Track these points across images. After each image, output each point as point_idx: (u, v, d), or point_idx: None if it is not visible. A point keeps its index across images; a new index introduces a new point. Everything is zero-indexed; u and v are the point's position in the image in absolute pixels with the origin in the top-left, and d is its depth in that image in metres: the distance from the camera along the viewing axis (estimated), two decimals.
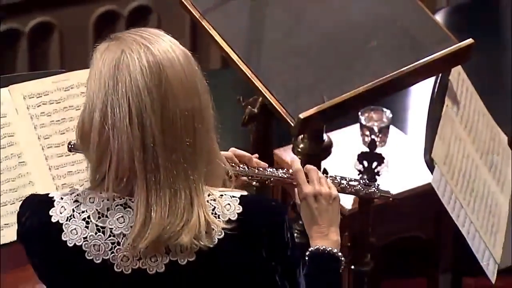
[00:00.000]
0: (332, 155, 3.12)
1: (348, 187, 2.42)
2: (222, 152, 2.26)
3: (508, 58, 4.68)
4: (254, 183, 2.41)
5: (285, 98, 2.81)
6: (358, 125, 3.40)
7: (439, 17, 4.30)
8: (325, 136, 3.10)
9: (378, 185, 2.46)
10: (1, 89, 2.78)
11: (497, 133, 3.16)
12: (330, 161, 3.09)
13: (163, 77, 2.03)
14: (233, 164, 2.35)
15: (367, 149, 3.27)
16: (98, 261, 2.09)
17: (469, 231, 2.83)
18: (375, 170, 3.20)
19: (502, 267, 2.90)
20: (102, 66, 2.06)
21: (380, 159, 3.19)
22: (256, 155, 2.43)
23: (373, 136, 3.35)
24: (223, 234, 2.07)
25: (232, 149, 2.38)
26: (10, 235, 2.67)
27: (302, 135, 3.03)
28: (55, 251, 2.12)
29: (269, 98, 2.81)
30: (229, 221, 2.08)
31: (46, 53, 4.94)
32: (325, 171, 2.78)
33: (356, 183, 2.43)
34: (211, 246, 2.07)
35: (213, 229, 2.06)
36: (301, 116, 2.77)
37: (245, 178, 2.38)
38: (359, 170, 3.21)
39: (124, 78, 2.02)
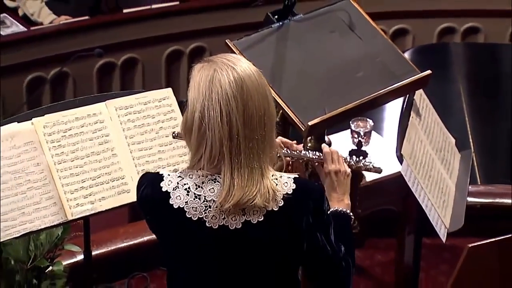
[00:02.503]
0: (335, 147, 3.10)
1: (353, 163, 2.44)
2: None
3: (454, 86, 4.68)
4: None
5: (298, 110, 2.79)
6: (349, 130, 3.37)
7: (407, 55, 4.28)
8: (326, 138, 3.08)
9: (372, 163, 2.49)
10: (101, 103, 2.79)
11: (448, 136, 3.14)
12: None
13: (245, 88, 2.04)
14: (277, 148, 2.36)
15: (355, 147, 3.26)
16: (195, 219, 2.11)
17: (427, 205, 2.81)
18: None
19: (450, 231, 2.88)
20: (199, 80, 2.07)
21: (365, 154, 3.16)
22: (295, 141, 2.45)
23: (360, 138, 3.32)
24: (283, 202, 2.08)
25: (279, 137, 2.39)
26: (109, 203, 2.71)
27: (310, 137, 3.01)
28: (164, 211, 2.13)
29: (287, 111, 2.80)
30: (286, 194, 2.09)
31: (132, 79, 4.95)
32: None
33: (357, 161, 2.46)
34: (275, 209, 2.08)
35: (277, 198, 2.08)
36: (309, 123, 2.76)
37: (288, 158, 2.39)
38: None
39: (217, 89, 2.04)
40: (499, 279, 2.32)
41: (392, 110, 4.02)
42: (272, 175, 2.10)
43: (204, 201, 2.10)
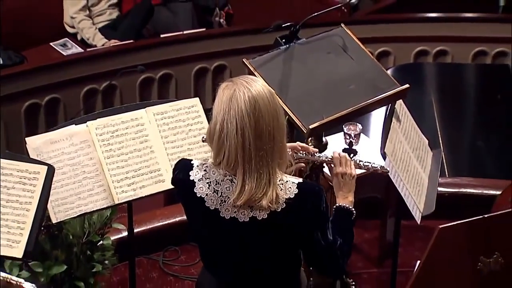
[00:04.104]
0: (328, 150, 3.07)
1: (363, 166, 2.37)
2: (290, 144, 2.24)
3: (427, 97, 4.65)
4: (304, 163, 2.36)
5: (301, 116, 2.77)
6: (342, 132, 3.35)
7: (389, 72, 4.24)
8: (324, 139, 3.06)
9: (381, 165, 2.43)
10: (142, 109, 2.78)
11: (422, 138, 3.11)
12: (328, 152, 3.06)
13: (257, 107, 2.00)
14: (296, 152, 2.31)
15: (347, 147, 3.23)
16: (212, 208, 2.08)
17: (405, 194, 2.79)
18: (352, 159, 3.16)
19: (424, 215, 2.86)
20: (222, 97, 2.03)
21: (355, 152, 3.14)
22: (312, 145, 2.44)
23: (351, 139, 3.29)
24: (285, 205, 2.04)
25: (298, 143, 2.36)
26: (148, 191, 2.70)
27: (310, 137, 2.99)
28: (189, 197, 2.11)
29: (292, 116, 2.77)
30: (289, 198, 2.04)
31: (167, 90, 4.93)
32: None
33: (368, 163, 2.39)
34: (278, 210, 2.04)
35: (279, 201, 2.04)
36: (310, 127, 2.74)
37: (302, 163, 2.34)
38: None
39: (234, 107, 2.00)
40: (464, 254, 2.29)
41: (377, 116, 3.99)
42: (280, 180, 2.05)
43: (220, 196, 2.08)
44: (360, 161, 2.37)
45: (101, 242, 3.05)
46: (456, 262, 2.29)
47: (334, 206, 2.22)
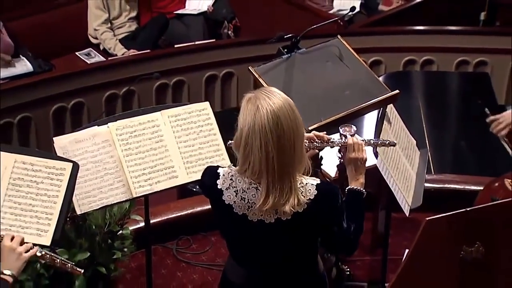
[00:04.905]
0: (325, 149, 3.05)
1: (373, 143, 2.39)
2: (306, 134, 2.21)
3: (415, 102, 4.63)
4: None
5: (302, 119, 2.76)
6: (338, 133, 3.33)
7: (381, 79, 4.24)
8: None
9: (388, 140, 2.43)
10: (157, 112, 2.77)
11: (410, 139, 3.10)
12: (325, 152, 3.04)
13: (279, 122, 1.97)
14: (312, 141, 2.28)
15: None
16: (240, 214, 2.06)
17: (395, 189, 2.78)
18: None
19: (412, 208, 2.85)
20: (246, 111, 2.00)
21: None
22: (325, 132, 2.38)
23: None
24: (306, 206, 2.03)
25: (313, 131, 2.33)
26: (162, 185, 2.69)
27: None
28: (218, 203, 2.08)
29: None
30: (309, 199, 2.03)
31: (180, 95, 4.93)
32: (321, 158, 2.74)
33: (377, 140, 2.42)
34: (299, 212, 2.02)
35: (301, 204, 2.02)
36: (309, 128, 2.73)
37: (317, 150, 2.31)
38: (339, 157, 3.15)
39: (258, 123, 1.97)
40: (448, 244, 2.28)
41: (370, 119, 3.98)
42: (300, 183, 2.03)
43: (247, 202, 2.06)
44: (369, 139, 2.39)
45: (120, 231, 3.04)
46: (441, 251, 2.27)
47: (347, 189, 2.21)
